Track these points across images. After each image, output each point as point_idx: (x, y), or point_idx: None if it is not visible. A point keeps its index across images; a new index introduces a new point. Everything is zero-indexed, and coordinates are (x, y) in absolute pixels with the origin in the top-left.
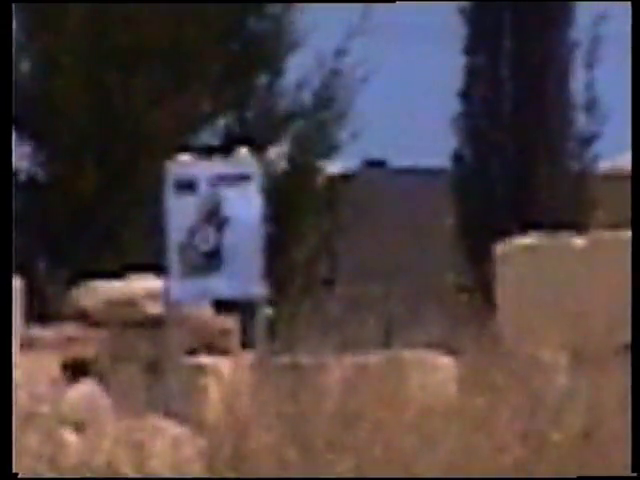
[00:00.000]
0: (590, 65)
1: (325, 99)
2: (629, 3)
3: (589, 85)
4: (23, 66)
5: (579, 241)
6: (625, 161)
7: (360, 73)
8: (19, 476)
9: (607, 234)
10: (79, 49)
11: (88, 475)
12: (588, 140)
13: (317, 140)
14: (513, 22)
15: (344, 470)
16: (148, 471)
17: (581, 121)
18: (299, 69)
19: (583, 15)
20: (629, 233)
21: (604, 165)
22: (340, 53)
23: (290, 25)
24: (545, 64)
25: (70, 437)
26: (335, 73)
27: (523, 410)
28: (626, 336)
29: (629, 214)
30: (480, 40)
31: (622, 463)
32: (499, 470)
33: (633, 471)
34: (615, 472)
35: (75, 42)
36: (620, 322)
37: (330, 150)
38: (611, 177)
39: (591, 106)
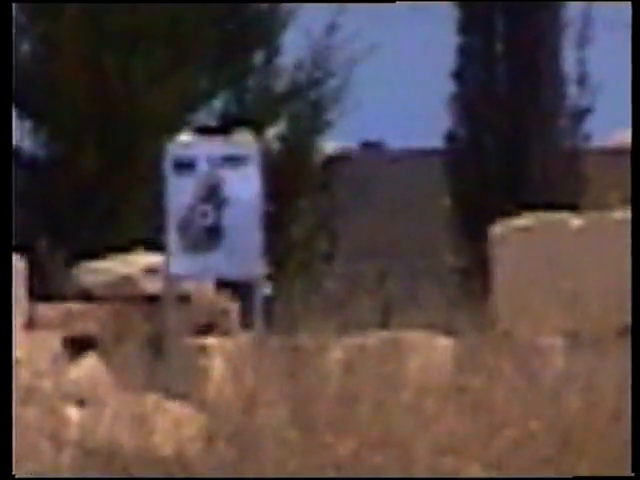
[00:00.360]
0: (582, 44)
1: (320, 77)
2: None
3: (581, 63)
4: (24, 48)
5: (576, 221)
6: (618, 138)
7: (355, 51)
8: (21, 457)
9: (605, 214)
10: (78, 31)
11: (90, 451)
12: (581, 118)
13: (313, 118)
14: (505, 2)
15: (344, 450)
16: (150, 448)
17: (574, 99)
18: (295, 48)
19: None
20: (628, 213)
21: (597, 142)
22: (330, 29)
23: (286, 4)
24: (538, 43)
25: (72, 413)
26: (327, 50)
27: (520, 391)
28: (624, 318)
29: (624, 192)
30: (473, 20)
31: (618, 444)
32: (496, 450)
33: (633, 471)
34: (612, 452)
35: (74, 24)
36: (618, 303)
37: (325, 127)
38: (605, 154)
39: (583, 84)
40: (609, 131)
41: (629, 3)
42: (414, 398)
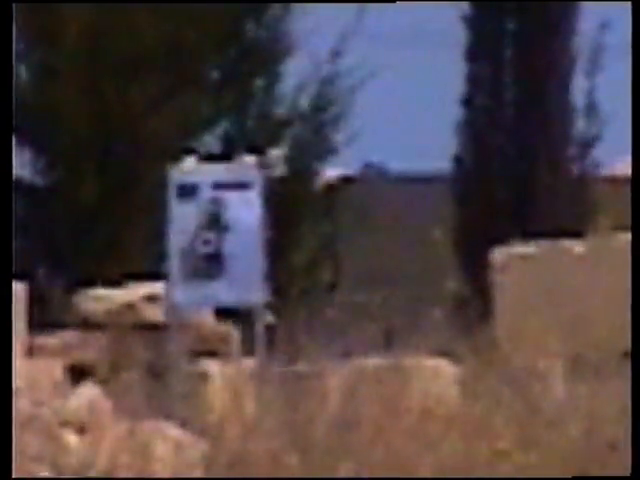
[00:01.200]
0: (591, 72)
1: (323, 103)
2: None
3: (590, 91)
4: (22, 74)
5: (578, 247)
6: (622, 166)
7: (359, 77)
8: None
9: (607, 240)
10: (78, 56)
11: (90, 478)
12: (588, 145)
13: (315, 144)
14: (515, 29)
15: (344, 475)
16: (149, 475)
17: (582, 127)
18: (297, 73)
19: (585, 22)
20: (629, 238)
21: (605, 170)
22: (335, 55)
23: (288, 29)
24: (547, 71)
25: (72, 440)
26: (332, 76)
27: (522, 417)
28: (626, 343)
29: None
30: (482, 47)
31: (618, 470)
32: (497, 475)
33: (633, 471)
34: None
35: (74, 49)
36: (620, 329)
37: (328, 153)
38: (612, 181)
39: (592, 112)
40: (617, 159)
41: None
42: (415, 423)
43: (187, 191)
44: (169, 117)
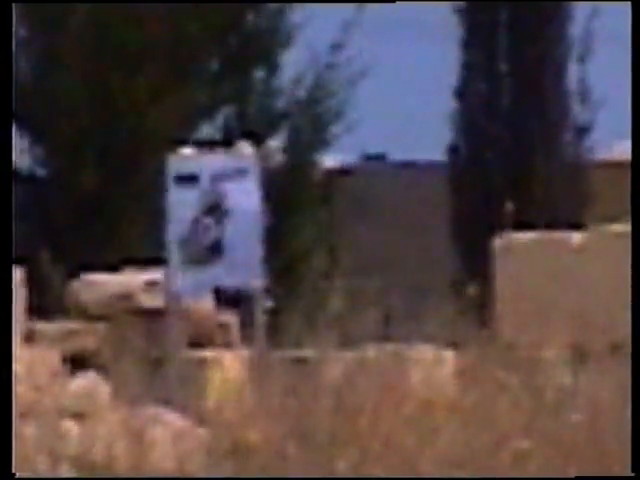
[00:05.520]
0: (583, 58)
1: (321, 93)
2: (624, 2)
3: (583, 78)
4: (24, 62)
5: (578, 236)
6: (619, 151)
7: (357, 67)
8: (19, 472)
9: (606, 229)
10: (80, 46)
11: (88, 466)
12: (584, 132)
13: (314, 134)
14: (509, 18)
15: (344, 464)
16: (148, 462)
17: (576, 114)
18: (296, 64)
19: (579, 10)
20: (628, 227)
21: (600, 155)
22: (336, 47)
23: (287, 20)
24: (542, 59)
25: (71, 428)
26: (331, 67)
27: (523, 405)
28: (625, 332)
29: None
30: (476, 35)
31: (621, 458)
32: (499, 464)
33: (633, 471)
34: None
35: (76, 39)
36: (619, 318)
37: (326, 143)
38: (607, 167)
39: (585, 98)
40: (612, 144)
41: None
42: (416, 411)
43: (185, 180)
44: (170, 106)
